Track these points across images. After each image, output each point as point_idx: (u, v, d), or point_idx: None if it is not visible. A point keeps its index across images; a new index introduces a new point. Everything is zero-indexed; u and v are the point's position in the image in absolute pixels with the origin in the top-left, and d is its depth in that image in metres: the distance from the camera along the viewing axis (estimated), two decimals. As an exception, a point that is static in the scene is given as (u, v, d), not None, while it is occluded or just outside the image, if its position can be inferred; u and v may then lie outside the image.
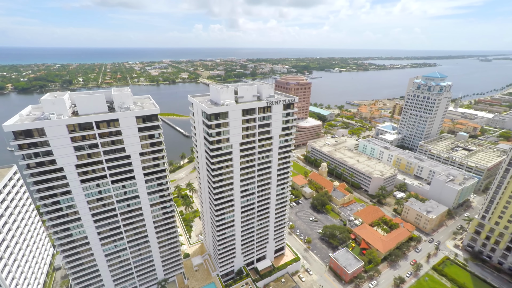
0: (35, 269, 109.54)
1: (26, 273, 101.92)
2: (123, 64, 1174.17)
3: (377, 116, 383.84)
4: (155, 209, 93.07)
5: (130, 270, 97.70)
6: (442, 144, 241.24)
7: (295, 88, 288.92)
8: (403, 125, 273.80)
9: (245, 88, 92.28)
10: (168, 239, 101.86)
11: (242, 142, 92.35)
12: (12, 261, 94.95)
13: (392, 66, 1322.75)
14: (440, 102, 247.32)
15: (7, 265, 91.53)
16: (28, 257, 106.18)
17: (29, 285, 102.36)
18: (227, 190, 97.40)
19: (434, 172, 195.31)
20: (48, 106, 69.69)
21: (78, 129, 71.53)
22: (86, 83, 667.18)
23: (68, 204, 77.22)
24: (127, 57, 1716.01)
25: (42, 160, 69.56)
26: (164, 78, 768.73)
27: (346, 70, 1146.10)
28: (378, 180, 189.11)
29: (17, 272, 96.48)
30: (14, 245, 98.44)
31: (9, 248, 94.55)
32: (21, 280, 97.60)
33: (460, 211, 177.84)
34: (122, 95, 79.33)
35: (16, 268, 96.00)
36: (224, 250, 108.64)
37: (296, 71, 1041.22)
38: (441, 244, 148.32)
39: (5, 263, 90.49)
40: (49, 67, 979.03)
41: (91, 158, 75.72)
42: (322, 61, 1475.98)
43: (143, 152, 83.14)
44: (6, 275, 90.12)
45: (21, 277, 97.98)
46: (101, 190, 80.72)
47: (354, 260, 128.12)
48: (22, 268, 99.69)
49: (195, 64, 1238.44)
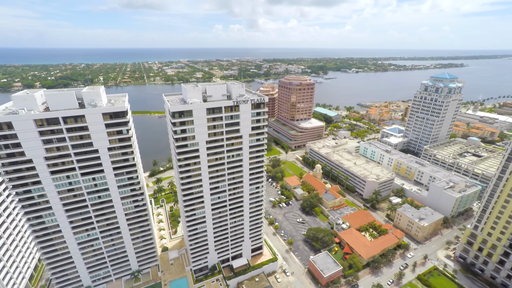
0: (20, 263, 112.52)
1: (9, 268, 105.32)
2: (142, 64, 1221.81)
3: (387, 118, 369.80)
4: (126, 202, 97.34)
5: (104, 259, 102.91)
6: (450, 149, 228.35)
7: (297, 89, 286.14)
8: (409, 128, 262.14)
9: (213, 88, 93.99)
10: (141, 231, 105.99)
11: (208, 140, 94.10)
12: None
13: (414, 66, 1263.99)
14: (449, 104, 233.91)
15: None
16: (13, 252, 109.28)
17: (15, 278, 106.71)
18: (196, 186, 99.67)
19: (435, 178, 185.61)
20: (19, 102, 75.75)
21: (46, 123, 76.88)
22: (105, 81, 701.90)
23: (39, 194, 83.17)
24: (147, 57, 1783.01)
25: (12, 152, 75.60)
26: (179, 78, 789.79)
27: (364, 71, 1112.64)
28: (372, 184, 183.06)
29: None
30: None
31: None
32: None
33: (459, 220, 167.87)
34: (92, 93, 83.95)
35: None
36: (196, 245, 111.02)
37: (311, 71, 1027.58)
38: (432, 253, 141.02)
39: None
40: (75, 66, 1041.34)
41: (60, 151, 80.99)
42: (339, 62, 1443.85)
43: (111, 147, 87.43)
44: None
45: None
46: (71, 181, 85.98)
47: (333, 264, 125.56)
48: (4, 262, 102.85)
49: (211, 64, 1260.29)
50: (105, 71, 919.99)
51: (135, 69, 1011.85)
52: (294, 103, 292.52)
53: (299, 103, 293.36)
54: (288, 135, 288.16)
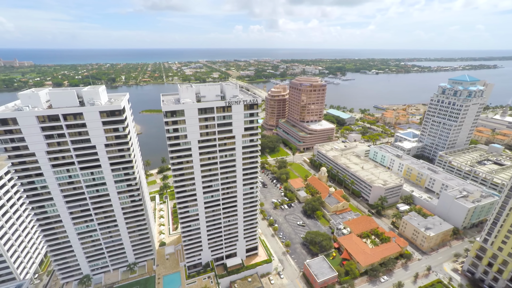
0: (31, 249, 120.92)
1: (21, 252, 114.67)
2: (162, 63, 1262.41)
3: (403, 122, 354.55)
4: (123, 196, 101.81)
5: (102, 250, 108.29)
6: (468, 156, 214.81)
7: (308, 90, 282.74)
8: (424, 132, 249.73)
9: (207, 88, 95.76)
10: (137, 225, 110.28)
11: (201, 140, 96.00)
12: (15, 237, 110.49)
13: (439, 68, 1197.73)
14: (469, 108, 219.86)
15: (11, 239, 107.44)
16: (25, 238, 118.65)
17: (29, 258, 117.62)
18: (189, 184, 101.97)
19: (447, 186, 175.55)
20: (24, 100, 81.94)
21: (47, 120, 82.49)
22: (127, 81, 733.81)
23: (42, 185, 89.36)
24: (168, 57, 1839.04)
25: (17, 145, 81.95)
26: (196, 77, 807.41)
27: (384, 72, 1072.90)
28: (378, 189, 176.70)
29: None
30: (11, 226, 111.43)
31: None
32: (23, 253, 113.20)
33: (472, 233, 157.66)
34: (91, 91, 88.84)
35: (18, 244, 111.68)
36: (190, 242, 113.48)
37: (329, 72, 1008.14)
38: (437, 265, 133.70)
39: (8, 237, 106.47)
40: (100, 66, 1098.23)
41: (60, 146, 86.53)
42: (359, 62, 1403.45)
43: (108, 144, 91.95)
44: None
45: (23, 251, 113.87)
46: (71, 175, 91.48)
47: (328, 269, 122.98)
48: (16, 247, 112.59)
49: (228, 64, 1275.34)
50: (127, 70, 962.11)
51: (156, 68, 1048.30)
52: (304, 105, 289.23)
53: (309, 104, 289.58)
54: (297, 136, 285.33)
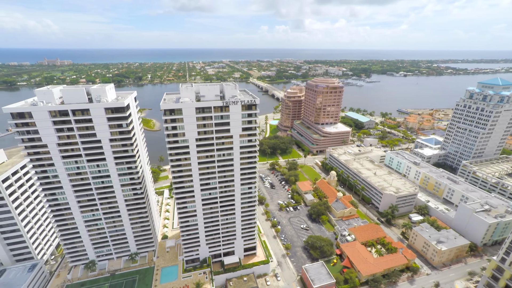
0: (48, 233, 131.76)
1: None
2: (187, 63, 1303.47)
3: (428, 128, 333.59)
4: (126, 189, 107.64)
5: (106, 238, 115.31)
6: (496, 167, 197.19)
7: (324, 92, 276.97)
8: (448, 139, 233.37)
9: (206, 88, 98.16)
10: (139, 217, 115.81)
11: (198, 138, 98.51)
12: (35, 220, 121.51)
13: (478, 70, 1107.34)
14: (500, 115, 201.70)
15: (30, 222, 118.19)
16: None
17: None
18: (187, 181, 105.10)
19: (467, 198, 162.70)
20: (40, 96, 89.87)
21: (58, 114, 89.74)
22: (152, 79, 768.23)
23: (53, 174, 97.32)
24: (193, 57, 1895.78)
25: (32, 137, 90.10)
26: (217, 77, 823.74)
27: (413, 74, 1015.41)
28: (389, 197, 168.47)
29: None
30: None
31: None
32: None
33: (494, 250, 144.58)
34: (99, 89, 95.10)
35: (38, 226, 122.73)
36: (188, 237, 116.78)
37: (353, 74, 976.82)
38: (448, 282, 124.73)
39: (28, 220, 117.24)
40: (130, 65, 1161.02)
41: (70, 139, 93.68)
42: (386, 64, 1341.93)
43: (112, 139, 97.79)
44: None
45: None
46: (79, 166, 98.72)
47: (326, 276, 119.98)
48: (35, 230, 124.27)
49: (251, 64, 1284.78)
50: (154, 69, 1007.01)
51: (180, 68, 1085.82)
52: (319, 106, 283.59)
53: (325, 106, 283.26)
54: (310, 138, 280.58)
